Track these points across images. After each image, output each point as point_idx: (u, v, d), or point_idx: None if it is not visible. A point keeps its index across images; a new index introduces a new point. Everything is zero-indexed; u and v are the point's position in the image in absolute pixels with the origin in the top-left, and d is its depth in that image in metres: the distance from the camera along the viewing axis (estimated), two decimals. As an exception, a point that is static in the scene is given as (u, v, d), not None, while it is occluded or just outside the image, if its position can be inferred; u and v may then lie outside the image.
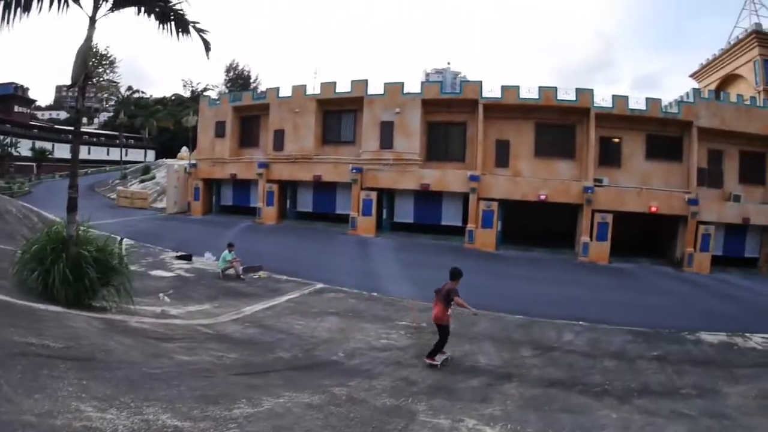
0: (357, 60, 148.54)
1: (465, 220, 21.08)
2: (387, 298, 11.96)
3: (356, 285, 13.09)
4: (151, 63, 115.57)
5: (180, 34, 8.24)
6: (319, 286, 12.64)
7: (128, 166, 41.51)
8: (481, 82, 21.35)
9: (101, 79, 40.95)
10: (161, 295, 10.41)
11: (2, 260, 8.14)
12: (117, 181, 37.35)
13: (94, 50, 42.16)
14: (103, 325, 6.37)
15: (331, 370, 6.69)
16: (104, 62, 40.54)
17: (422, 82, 23.07)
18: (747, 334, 10.86)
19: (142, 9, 7.93)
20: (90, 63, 8.98)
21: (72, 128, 8.82)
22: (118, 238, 13.18)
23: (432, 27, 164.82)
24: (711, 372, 8.40)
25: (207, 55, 8.72)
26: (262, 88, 43.03)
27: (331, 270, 14.90)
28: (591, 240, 20.22)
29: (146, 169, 37.27)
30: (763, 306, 15.58)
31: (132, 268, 8.68)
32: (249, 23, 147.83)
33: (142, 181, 34.89)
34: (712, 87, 29.87)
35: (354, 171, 21.67)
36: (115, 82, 41.74)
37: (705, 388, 7.58)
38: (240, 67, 56.09)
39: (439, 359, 7.56)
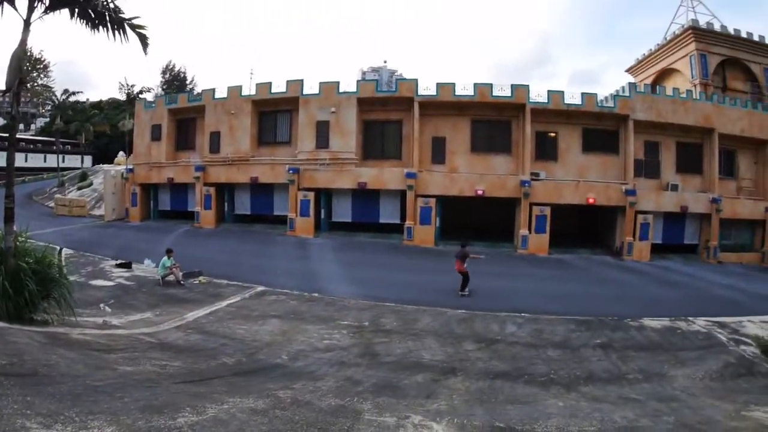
0: (294, 59, 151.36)
1: (403, 218, 22.32)
2: (328, 299, 12.67)
3: (297, 286, 13.71)
4: (91, 66, 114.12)
5: (116, 32, 8.46)
6: (260, 289, 13.27)
7: (65, 173, 41.45)
8: (416, 80, 22.73)
9: (35, 84, 40.94)
10: (102, 305, 10.80)
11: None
12: (55, 189, 37.34)
13: (29, 54, 42.17)
14: (45, 339, 6.53)
15: (275, 374, 6.94)
16: (38, 66, 40.61)
17: (358, 81, 24.21)
18: (690, 318, 11.83)
19: (77, 10, 8.19)
20: (25, 67, 9.43)
21: (7, 135, 9.16)
22: (57, 248, 13.77)
23: (369, 25, 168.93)
24: (656, 356, 9.18)
25: (145, 51, 8.94)
26: (198, 89, 43.80)
27: (271, 272, 15.57)
28: (530, 233, 21.77)
29: (83, 176, 37.37)
30: (705, 290, 17.01)
31: (72, 278, 8.96)
32: (185, 23, 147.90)
33: (80, 188, 35.03)
34: (649, 81, 32.17)
35: (291, 171, 22.58)
36: (49, 86, 41.85)
37: (651, 373, 8.16)
38: (176, 69, 56.65)
39: (467, 291, 13.53)
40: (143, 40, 8.86)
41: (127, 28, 8.65)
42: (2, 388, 4.04)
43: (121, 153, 40.14)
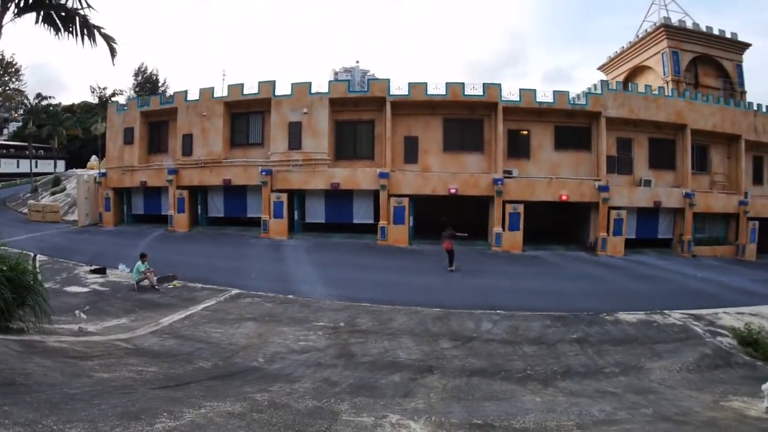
0: (267, 61, 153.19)
1: (377, 218, 22.71)
2: (303, 300, 12.89)
3: (271, 289, 13.93)
4: (64, 69, 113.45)
5: (85, 39, 8.67)
6: (235, 291, 13.50)
7: (38, 178, 41.35)
8: (388, 79, 23.15)
9: (7, 88, 40.93)
10: (77, 311, 10.85)
11: None
12: (28, 195, 37.29)
13: (0, 58, 42.13)
14: (21, 348, 6.60)
15: (252, 377, 7.08)
16: (10, 70, 40.63)
17: (330, 82, 24.54)
18: (666, 312, 12.26)
19: (42, 13, 8.38)
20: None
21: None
22: (32, 255, 13.92)
23: (342, 26, 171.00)
24: (632, 350, 9.54)
25: (113, 60, 9.25)
26: (171, 91, 43.95)
27: (246, 275, 15.81)
28: (503, 230, 22.30)
29: (56, 181, 37.31)
30: (680, 283, 17.56)
31: (47, 285, 9.05)
32: (157, 24, 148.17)
33: (53, 194, 34.95)
34: (621, 78, 33.00)
35: (263, 173, 22.90)
36: (21, 90, 41.93)
37: (628, 366, 8.58)
38: (148, 71, 56.66)
39: (454, 267, 17.07)
40: (112, 50, 9.17)
41: (97, 35, 8.92)
42: (-20, 399, 4.06)
43: (93, 157, 40.08)
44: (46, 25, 8.67)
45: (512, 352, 9.11)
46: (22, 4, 8.15)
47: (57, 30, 8.78)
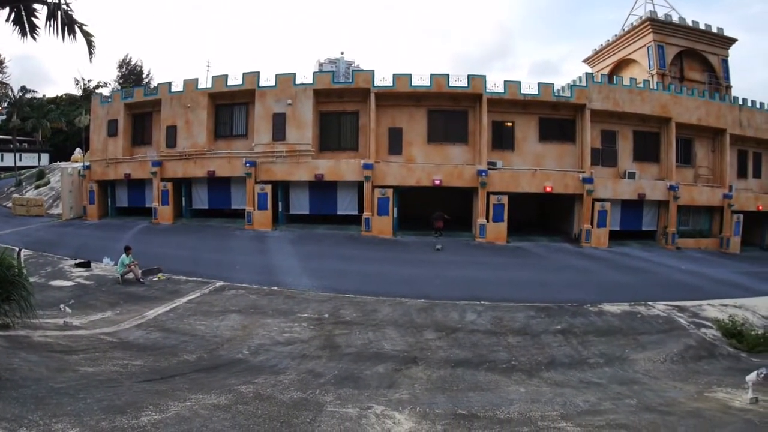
0: (251, 52, 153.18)
1: (361, 209, 22.95)
2: (287, 292, 13.09)
3: (256, 281, 14.14)
4: (49, 61, 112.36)
5: (66, 34, 8.47)
6: (219, 284, 13.70)
7: (22, 171, 41.38)
8: (373, 71, 23.36)
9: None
10: (62, 305, 10.98)
11: None
12: (12, 189, 37.30)
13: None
14: (6, 343, 6.67)
15: (237, 369, 7.18)
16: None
17: (314, 73, 24.77)
18: (650, 303, 12.47)
19: (18, 15, 8.20)
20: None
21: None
22: (16, 250, 14.02)
23: (327, 17, 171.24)
24: (617, 341, 9.71)
25: (90, 58, 9.14)
26: (155, 83, 43.93)
27: (230, 267, 15.98)
28: (488, 221, 22.62)
29: (40, 174, 37.33)
30: (664, 275, 17.83)
31: (31, 279, 9.09)
32: (141, 14, 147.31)
33: (37, 187, 35.00)
34: (606, 71, 33.47)
35: (248, 165, 23.07)
36: (5, 83, 41.77)
37: (612, 357, 8.75)
38: (133, 62, 56.57)
39: (440, 246, 20.25)
40: (90, 46, 9.09)
41: (77, 31, 8.76)
42: (-34, 395, 4.19)
43: (77, 150, 39.94)
44: (14, 26, 8.71)
45: (496, 343, 9.32)
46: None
47: (24, 33, 8.76)
